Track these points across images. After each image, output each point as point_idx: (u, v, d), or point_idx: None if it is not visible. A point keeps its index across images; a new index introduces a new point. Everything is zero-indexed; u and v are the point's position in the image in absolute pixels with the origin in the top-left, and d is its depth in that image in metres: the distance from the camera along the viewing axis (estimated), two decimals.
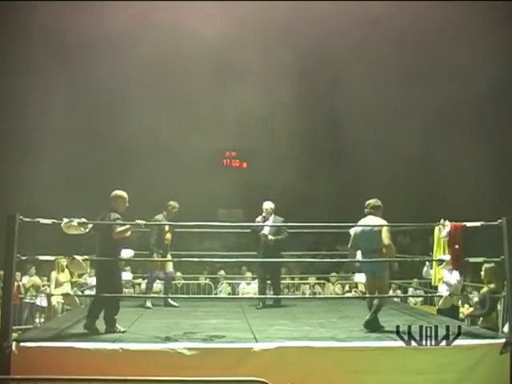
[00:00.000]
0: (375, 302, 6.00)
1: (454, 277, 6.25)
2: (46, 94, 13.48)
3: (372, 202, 6.19)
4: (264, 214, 8.01)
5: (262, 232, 7.89)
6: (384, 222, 6.08)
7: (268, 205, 8.08)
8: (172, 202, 8.02)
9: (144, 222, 5.94)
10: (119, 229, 5.69)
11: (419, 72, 14.49)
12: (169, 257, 8.05)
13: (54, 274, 9.53)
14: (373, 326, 5.85)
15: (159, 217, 7.93)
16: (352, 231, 6.29)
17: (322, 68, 14.79)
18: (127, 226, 5.77)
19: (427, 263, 7.47)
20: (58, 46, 13.03)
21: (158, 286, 11.03)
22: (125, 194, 5.99)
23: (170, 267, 8.14)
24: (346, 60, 14.20)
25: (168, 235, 7.97)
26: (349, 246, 6.36)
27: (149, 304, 7.81)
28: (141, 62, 14.41)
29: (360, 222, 6.21)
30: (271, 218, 8.03)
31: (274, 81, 14.11)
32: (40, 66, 13.21)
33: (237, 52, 13.58)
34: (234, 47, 13.51)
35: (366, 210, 6.20)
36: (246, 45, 13.52)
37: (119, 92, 14.99)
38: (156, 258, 7.81)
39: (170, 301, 7.94)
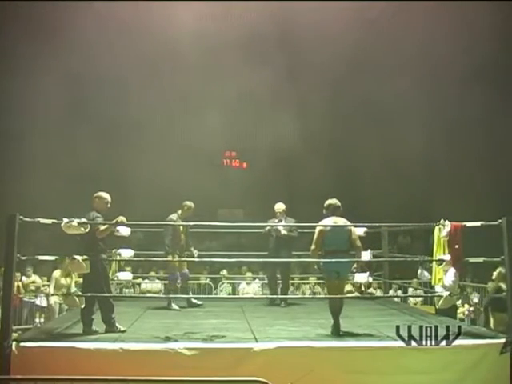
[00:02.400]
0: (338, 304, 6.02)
1: (449, 277, 6.25)
2: (44, 92, 13.46)
3: (332, 202, 6.14)
4: (278, 216, 8.07)
5: (277, 229, 7.93)
6: (348, 223, 6.09)
7: (280, 206, 8.15)
8: (188, 202, 7.92)
9: (124, 220, 5.94)
10: (102, 228, 5.81)
11: (419, 71, 14.49)
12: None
13: (56, 274, 9.46)
14: (338, 330, 5.85)
15: (173, 216, 7.81)
16: (316, 232, 6.08)
17: (323, 67, 14.78)
18: (107, 226, 5.87)
19: (420, 266, 7.47)
20: (52, 42, 12.99)
21: (157, 285, 11.09)
22: (104, 195, 6.08)
23: (185, 268, 8.08)
24: (347, 59, 14.19)
25: (183, 236, 7.88)
26: (313, 246, 6.02)
27: (175, 306, 7.71)
28: (139, 61, 14.41)
29: (324, 223, 6.08)
30: (283, 220, 8.11)
31: (274, 81, 14.10)
32: (35, 64, 13.20)
33: (237, 51, 13.58)
34: (234, 46, 13.51)
35: (325, 211, 6.12)
36: (247, 44, 13.52)
37: (119, 91, 14.98)
38: (172, 259, 7.69)
39: (194, 300, 7.89)
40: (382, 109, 15.16)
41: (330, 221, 6.07)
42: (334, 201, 6.17)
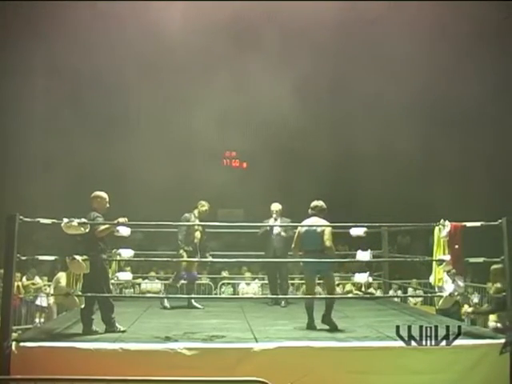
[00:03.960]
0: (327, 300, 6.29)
1: (459, 280, 6.25)
2: (43, 92, 13.46)
3: (319, 204, 6.43)
4: (274, 216, 8.13)
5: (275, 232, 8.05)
6: (327, 223, 6.33)
7: (276, 206, 8.23)
8: (203, 202, 8.01)
9: (125, 220, 5.96)
10: (101, 227, 5.82)
11: (418, 70, 14.48)
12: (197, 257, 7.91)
13: (58, 276, 9.39)
14: (327, 322, 6.11)
15: (189, 215, 7.87)
16: (296, 231, 6.50)
17: (323, 68, 14.77)
18: (107, 226, 5.90)
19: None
20: (46, 41, 12.96)
21: (157, 285, 11.07)
22: (103, 194, 6.10)
23: (194, 269, 8.08)
24: (348, 60, 14.19)
25: (197, 234, 7.89)
26: (293, 245, 6.51)
27: (166, 304, 7.76)
28: (138, 61, 14.40)
29: (305, 223, 6.41)
30: (279, 220, 8.17)
31: (274, 80, 14.10)
32: (31, 63, 13.19)
33: (235, 51, 13.56)
34: (233, 45, 13.49)
35: (311, 211, 6.42)
36: (245, 43, 13.50)
37: (118, 91, 14.98)
38: (182, 253, 7.74)
39: (194, 302, 7.89)
40: (382, 109, 15.16)
41: (310, 221, 6.37)
42: (320, 202, 6.45)
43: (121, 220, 5.92)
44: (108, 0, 12.61)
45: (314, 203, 6.42)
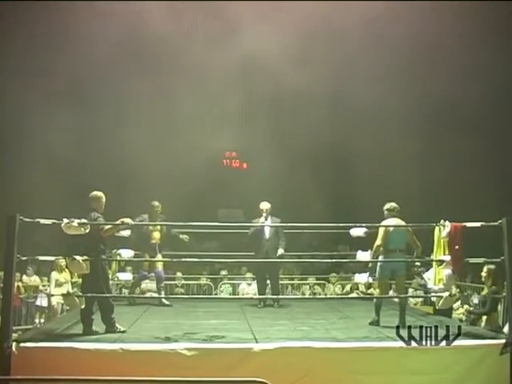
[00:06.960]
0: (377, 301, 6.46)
1: (445, 274, 6.26)
2: (44, 93, 13.45)
3: (395, 206, 6.60)
4: (264, 215, 8.06)
5: (279, 253, 7.95)
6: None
7: (266, 205, 8.15)
8: (154, 202, 8.08)
9: (131, 221, 5.98)
10: (107, 227, 5.81)
11: (420, 70, 14.48)
12: (159, 257, 8.00)
13: (54, 274, 9.47)
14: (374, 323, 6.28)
15: (146, 216, 7.97)
16: (381, 230, 6.42)
17: (324, 68, 14.77)
18: (114, 224, 5.89)
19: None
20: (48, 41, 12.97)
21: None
22: (100, 194, 6.09)
23: (159, 266, 8.12)
24: (348, 61, 14.18)
25: (155, 234, 7.97)
26: (379, 242, 6.39)
27: (165, 301, 7.88)
28: (139, 61, 14.40)
29: (388, 223, 6.48)
30: (269, 219, 8.09)
31: (274, 81, 14.10)
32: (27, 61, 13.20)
33: (236, 51, 13.57)
34: (233, 46, 13.49)
35: (391, 213, 6.54)
36: (246, 44, 13.50)
37: (118, 92, 14.99)
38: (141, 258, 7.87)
39: (164, 300, 7.96)
40: (382, 109, 15.16)
41: (393, 221, 6.47)
42: (394, 204, 6.60)
43: (125, 220, 5.91)
44: (106, 0, 12.60)
45: (392, 205, 6.58)
